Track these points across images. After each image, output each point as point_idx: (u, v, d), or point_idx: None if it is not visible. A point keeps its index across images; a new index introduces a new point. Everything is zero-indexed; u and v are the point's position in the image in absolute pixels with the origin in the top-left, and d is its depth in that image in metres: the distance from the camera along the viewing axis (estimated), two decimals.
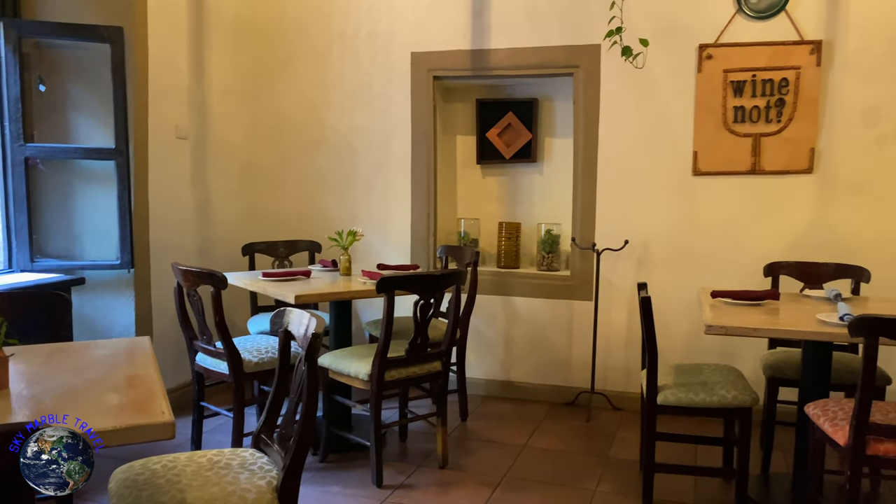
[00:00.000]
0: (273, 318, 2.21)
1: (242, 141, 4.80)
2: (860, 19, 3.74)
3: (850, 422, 2.34)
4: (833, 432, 2.44)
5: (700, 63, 3.97)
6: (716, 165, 4.00)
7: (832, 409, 2.55)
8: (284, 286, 3.42)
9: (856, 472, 2.35)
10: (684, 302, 4.00)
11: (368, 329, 4.18)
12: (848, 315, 2.53)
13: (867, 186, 3.79)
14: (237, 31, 4.71)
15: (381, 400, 3.16)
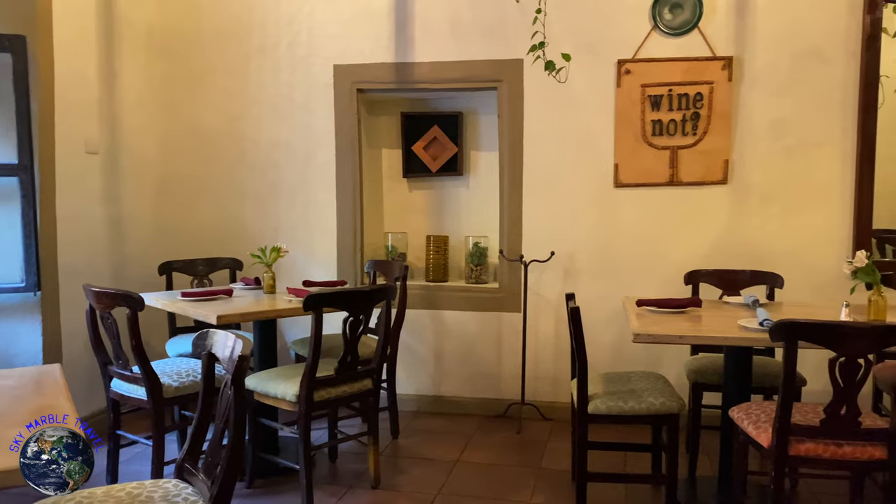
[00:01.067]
0: (195, 341, 2.10)
1: (158, 155, 4.61)
2: (766, 36, 3.92)
3: (773, 424, 2.42)
4: (757, 435, 2.52)
5: (619, 78, 4.07)
6: (636, 177, 4.10)
7: (755, 413, 2.63)
8: (205, 306, 3.29)
9: (779, 473, 2.42)
10: (609, 311, 4.07)
11: (294, 348, 4.06)
12: (767, 321, 2.62)
13: (777, 196, 3.97)
14: (151, 42, 4.53)
15: (310, 421, 3.07)
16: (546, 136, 4.19)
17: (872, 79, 3.83)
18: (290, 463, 3.21)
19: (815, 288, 3.80)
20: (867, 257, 2.82)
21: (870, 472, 2.54)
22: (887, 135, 3.90)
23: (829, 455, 2.40)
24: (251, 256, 3.74)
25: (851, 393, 2.33)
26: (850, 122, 3.87)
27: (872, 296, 2.82)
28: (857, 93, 3.84)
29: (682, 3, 3.99)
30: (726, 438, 3.02)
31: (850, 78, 3.86)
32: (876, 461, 2.39)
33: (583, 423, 2.95)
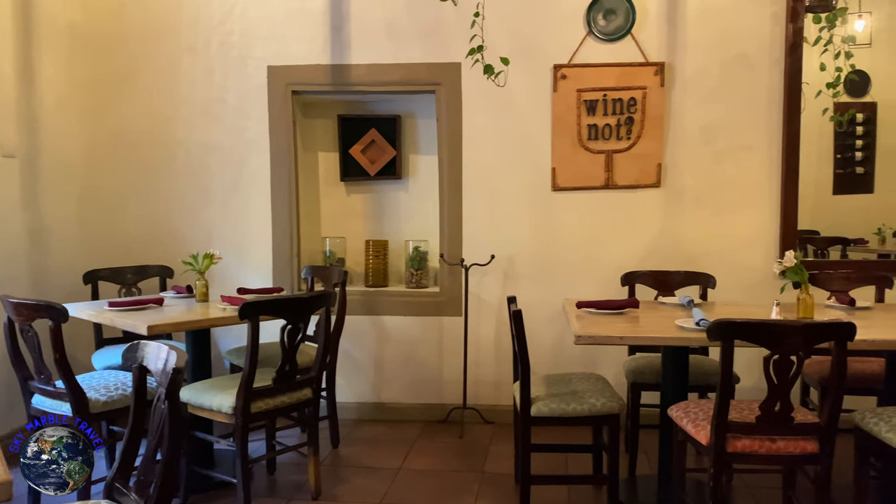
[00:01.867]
0: (125, 353, 1.99)
1: (81, 159, 4.40)
2: (696, 43, 4.03)
3: (711, 422, 2.47)
4: (696, 433, 2.57)
5: (555, 83, 4.11)
6: (573, 181, 4.15)
7: (693, 411, 2.68)
8: (134, 316, 3.14)
9: (718, 469, 2.47)
10: (548, 313, 4.10)
11: (229, 358, 3.93)
12: (704, 320, 2.67)
13: (708, 199, 4.08)
14: (73, 40, 4.32)
15: (247, 433, 2.97)
16: (485, 139, 4.20)
17: (795, 85, 3.98)
18: (227, 477, 3.10)
19: (746, 287, 3.92)
20: (796, 257, 2.91)
21: (801, 465, 2.62)
22: (809, 139, 4.07)
23: (765, 450, 2.47)
24: (183, 264, 3.60)
25: (785, 389, 2.40)
26: (776, 127, 4.01)
27: (801, 294, 2.91)
28: (782, 99, 3.99)
29: (615, 10, 4.06)
30: (665, 437, 3.07)
31: (774, 84, 4.00)
32: (808, 454, 2.47)
33: (526, 427, 2.95)
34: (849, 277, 3.62)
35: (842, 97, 4.29)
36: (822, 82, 4.07)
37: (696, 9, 4.02)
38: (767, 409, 2.44)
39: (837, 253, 4.48)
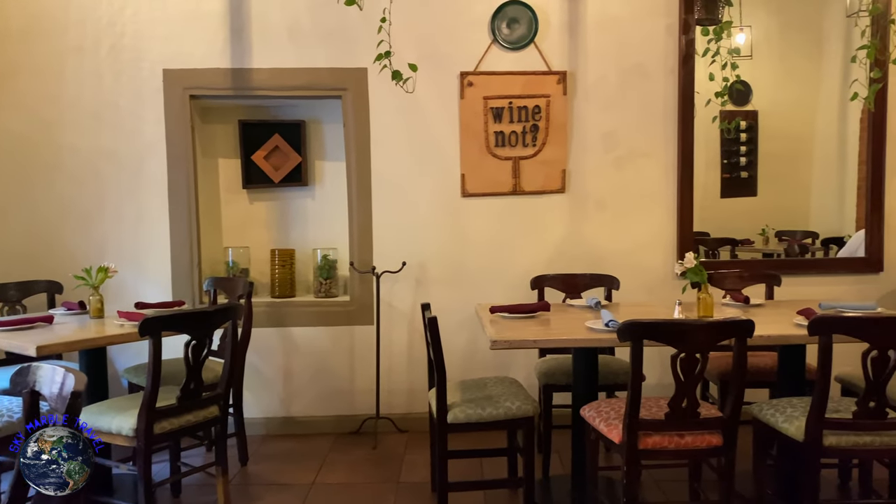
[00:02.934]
0: (14, 377, 1.83)
1: None
2: (596, 53, 4.16)
3: (623, 420, 2.53)
4: (608, 432, 2.63)
5: (462, 90, 4.14)
6: (482, 187, 4.18)
7: (605, 411, 2.75)
8: (20, 336, 2.91)
9: (632, 466, 2.54)
10: (460, 318, 4.11)
11: (127, 377, 3.71)
12: (613, 321, 2.75)
13: (610, 203, 4.22)
14: None
15: (150, 456, 2.80)
16: (394, 145, 4.17)
17: (689, 95, 4.18)
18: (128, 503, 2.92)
19: (647, 288, 4.08)
20: (695, 259, 3.05)
21: (707, 459, 2.73)
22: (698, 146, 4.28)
23: (674, 446, 2.56)
24: (74, 278, 3.37)
25: (692, 386, 2.49)
26: (672, 134, 4.19)
27: (701, 294, 3.05)
28: (677, 107, 4.18)
29: (518, 19, 4.13)
30: (578, 436, 3.13)
31: (669, 94, 4.19)
32: (713, 448, 2.57)
33: (443, 434, 2.93)
34: (741, 276, 3.83)
35: (728, 106, 4.55)
36: (710, 92, 4.29)
37: (596, 19, 4.15)
38: (676, 405, 2.52)
39: (727, 253, 4.73)
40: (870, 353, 2.48)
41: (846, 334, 2.49)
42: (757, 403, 2.91)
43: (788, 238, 4.78)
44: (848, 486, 3.28)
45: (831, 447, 2.57)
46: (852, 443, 2.57)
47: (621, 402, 2.72)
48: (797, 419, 2.63)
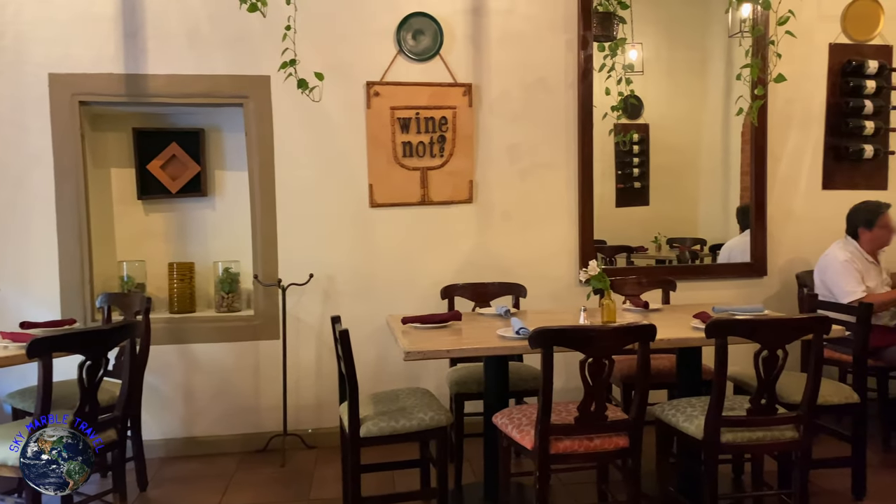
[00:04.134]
0: None
1: None
2: (500, 67, 4.24)
3: (535, 426, 2.58)
4: (521, 438, 2.67)
5: (369, 99, 4.12)
6: (390, 197, 4.17)
7: (517, 417, 2.79)
8: None
9: (544, 472, 2.59)
10: (370, 329, 4.08)
11: (10, 402, 3.45)
12: (524, 329, 2.80)
13: (516, 214, 4.30)
14: None
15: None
16: (299, 155, 4.09)
17: (588, 108, 4.33)
18: None
19: (553, 295, 4.19)
20: (599, 266, 3.15)
21: (614, 460, 2.82)
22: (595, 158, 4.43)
23: (584, 449, 2.63)
24: None
25: (600, 390, 2.57)
26: (572, 146, 4.33)
27: (604, 300, 3.16)
28: (577, 121, 4.32)
29: (423, 30, 4.16)
30: (490, 444, 3.16)
31: (570, 107, 4.33)
32: (620, 449, 2.67)
33: (355, 448, 2.89)
34: (640, 282, 4.00)
35: (622, 119, 4.75)
36: (606, 105, 4.47)
37: (499, 33, 4.23)
38: (585, 409, 2.60)
39: (623, 260, 4.93)
40: (761, 353, 2.64)
41: (740, 336, 2.65)
42: (659, 404, 3.04)
43: (679, 245, 5.03)
44: (741, 479, 3.47)
45: (728, 443, 2.72)
46: (746, 438, 2.73)
47: (532, 408, 2.78)
48: (696, 418, 2.77)
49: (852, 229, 4.08)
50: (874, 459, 3.62)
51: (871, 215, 4.01)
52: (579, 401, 2.61)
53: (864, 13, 4.64)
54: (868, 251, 4.03)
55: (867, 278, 3.95)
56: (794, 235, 4.61)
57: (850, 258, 3.96)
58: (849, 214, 4.12)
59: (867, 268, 3.99)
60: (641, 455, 2.71)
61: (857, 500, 3.28)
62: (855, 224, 4.06)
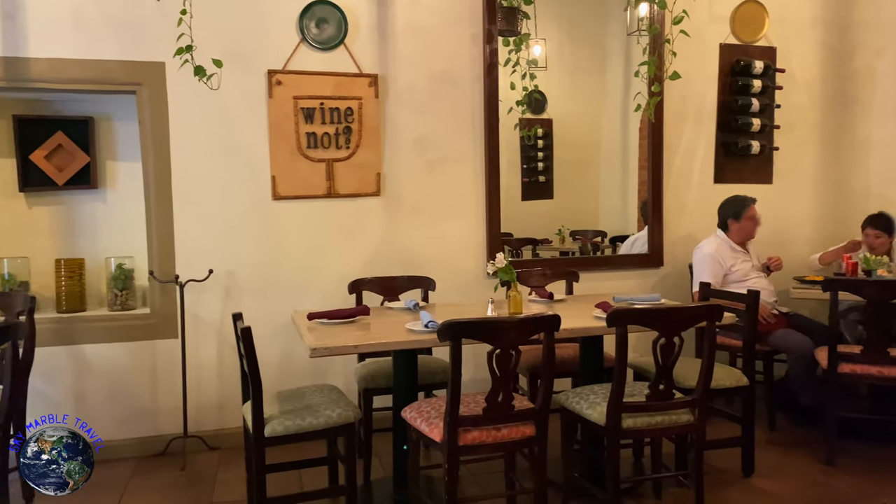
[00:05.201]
0: None
1: None
2: (406, 59, 4.21)
3: (444, 419, 2.58)
4: (430, 431, 2.66)
5: (271, 89, 4.00)
6: (294, 190, 4.07)
7: (426, 411, 2.79)
8: None
9: (453, 464, 2.59)
10: (275, 326, 3.97)
11: None
12: (433, 322, 2.79)
13: (424, 207, 4.29)
14: None
15: None
16: (197, 145, 3.92)
17: (493, 102, 4.37)
18: None
19: (461, 288, 4.20)
20: (506, 259, 3.19)
21: (521, 449, 2.86)
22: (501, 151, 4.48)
23: (492, 440, 2.65)
24: None
25: (508, 380, 2.60)
26: (479, 140, 4.36)
27: (511, 292, 3.20)
28: (483, 114, 4.35)
29: (327, 19, 4.07)
30: (399, 439, 3.14)
31: (476, 101, 4.35)
32: (527, 438, 2.71)
33: (260, 448, 2.80)
34: (545, 274, 4.07)
35: (527, 114, 4.82)
36: (512, 100, 4.52)
37: (404, 25, 4.20)
38: (493, 400, 2.62)
39: (529, 252, 5.03)
40: (659, 340, 2.75)
41: (640, 325, 2.74)
42: (564, 392, 3.11)
43: (581, 237, 5.18)
44: (641, 462, 3.61)
45: (629, 428, 2.81)
46: (646, 423, 2.83)
47: (441, 400, 2.78)
48: (599, 405, 2.85)
49: (723, 221, 4.34)
50: (762, 438, 3.85)
51: (738, 207, 4.28)
52: (487, 392, 2.63)
53: (751, 16, 4.90)
54: (737, 242, 4.30)
55: (734, 266, 4.23)
56: (688, 227, 4.82)
57: (715, 251, 4.24)
58: (719, 208, 4.38)
59: (735, 257, 4.26)
60: (547, 443, 2.76)
61: (747, 477, 3.47)
62: (725, 216, 4.33)
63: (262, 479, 2.82)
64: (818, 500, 3.23)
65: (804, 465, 3.61)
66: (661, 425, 2.86)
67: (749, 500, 3.25)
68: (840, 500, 3.23)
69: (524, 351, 3.60)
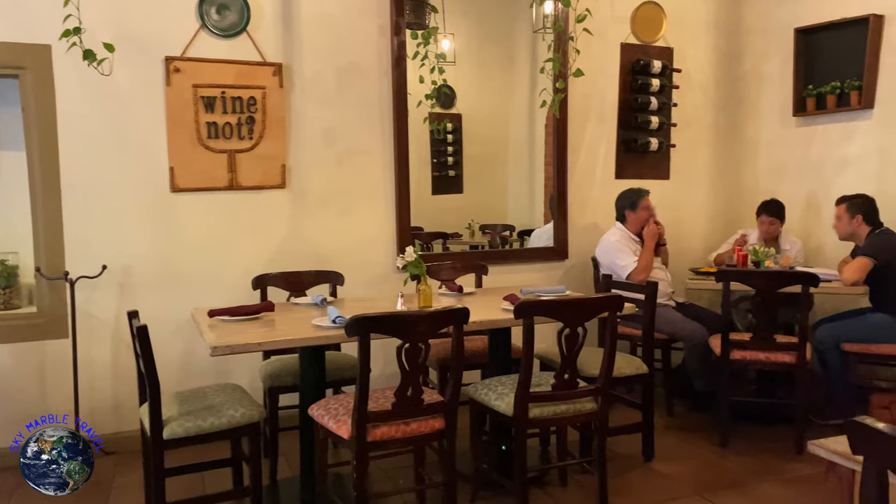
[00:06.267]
0: None
1: None
2: (312, 48, 4.12)
3: (352, 415, 2.54)
4: (337, 428, 2.62)
5: (168, 76, 3.82)
6: (194, 182, 3.91)
7: (334, 407, 2.74)
8: None
9: (362, 460, 2.56)
10: (175, 324, 3.81)
11: None
12: (340, 317, 2.74)
13: (332, 200, 4.22)
14: None
15: None
16: (88, 134, 3.70)
17: (402, 95, 4.34)
18: None
19: (371, 282, 4.16)
20: (415, 252, 3.17)
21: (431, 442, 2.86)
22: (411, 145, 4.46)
23: (401, 434, 2.64)
24: None
25: (417, 374, 2.59)
26: (388, 132, 4.32)
27: (420, 286, 3.18)
28: (392, 107, 4.31)
29: (228, 5, 3.93)
30: (306, 437, 3.08)
31: (384, 93, 4.31)
32: (437, 431, 2.71)
33: (158, 451, 2.68)
34: (455, 267, 4.09)
35: (436, 108, 4.84)
36: (421, 93, 4.51)
37: (310, 14, 4.10)
38: (402, 394, 2.60)
39: (439, 246, 5.04)
40: (563, 331, 2.80)
41: (545, 316, 2.79)
42: (472, 384, 3.13)
43: (491, 231, 5.24)
44: (548, 451, 3.68)
45: (535, 418, 2.86)
46: (552, 412, 2.89)
47: (349, 397, 2.74)
48: (507, 396, 2.88)
49: (620, 213, 4.49)
50: (660, 424, 4.01)
51: (634, 198, 4.45)
52: (397, 386, 2.61)
53: (650, 17, 5.08)
54: (633, 232, 4.46)
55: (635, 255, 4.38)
56: (591, 221, 4.96)
57: (619, 239, 4.40)
58: (617, 200, 4.53)
59: (634, 248, 4.43)
60: (456, 435, 2.77)
61: (647, 461, 3.61)
62: (622, 207, 4.48)
63: (162, 483, 2.70)
64: (713, 480, 3.39)
65: (700, 448, 3.79)
66: (567, 414, 2.92)
67: (649, 484, 3.38)
68: (732, 479, 3.40)
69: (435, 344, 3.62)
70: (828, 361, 3.95)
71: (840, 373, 3.92)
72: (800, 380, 3.66)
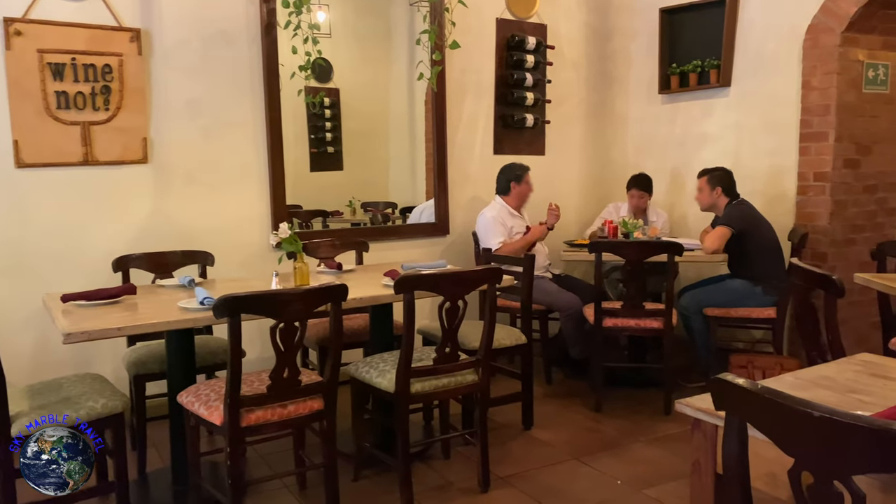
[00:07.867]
0: None
1: None
2: (174, 14, 3.85)
3: (224, 401, 2.42)
4: (209, 415, 2.49)
5: (8, 39, 3.45)
6: (43, 157, 3.57)
7: (204, 393, 2.60)
8: None
9: (235, 446, 2.44)
10: (26, 313, 3.49)
11: None
12: (208, 298, 2.60)
13: (200, 176, 3.99)
14: None
15: None
16: None
17: (273, 66, 4.14)
18: None
19: (245, 262, 3.98)
20: (290, 229, 3.05)
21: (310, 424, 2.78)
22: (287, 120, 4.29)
23: (277, 417, 2.54)
24: None
25: (292, 355, 2.49)
26: (259, 105, 4.13)
27: (297, 264, 3.07)
28: (262, 78, 4.12)
29: None
30: (176, 426, 2.91)
31: (254, 63, 4.10)
32: (316, 413, 2.63)
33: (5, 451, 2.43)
34: (333, 245, 3.99)
35: (312, 81, 4.67)
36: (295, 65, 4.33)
37: None
38: (277, 376, 2.50)
39: (319, 224, 4.92)
40: (444, 304, 2.79)
41: (426, 290, 2.76)
42: (354, 363, 3.07)
43: (372, 209, 5.17)
44: (431, 425, 3.69)
45: (417, 393, 2.84)
46: (434, 386, 2.88)
47: (221, 381, 2.60)
48: (388, 373, 2.84)
49: (505, 185, 4.55)
50: (539, 392, 4.11)
51: (520, 172, 4.55)
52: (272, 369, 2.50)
53: None
54: (515, 206, 4.55)
55: (514, 229, 4.49)
56: (471, 197, 4.98)
57: (496, 215, 4.48)
58: (500, 173, 4.60)
59: (514, 221, 4.52)
60: (337, 415, 2.70)
61: (527, 429, 3.69)
62: (508, 180, 4.55)
63: (11, 483, 2.45)
64: (589, 444, 3.51)
65: (577, 414, 3.92)
66: (448, 387, 2.92)
67: (529, 451, 3.45)
68: (607, 441, 3.54)
69: (314, 324, 3.53)
70: (692, 326, 4.18)
71: (704, 336, 4.16)
72: (667, 344, 3.85)
